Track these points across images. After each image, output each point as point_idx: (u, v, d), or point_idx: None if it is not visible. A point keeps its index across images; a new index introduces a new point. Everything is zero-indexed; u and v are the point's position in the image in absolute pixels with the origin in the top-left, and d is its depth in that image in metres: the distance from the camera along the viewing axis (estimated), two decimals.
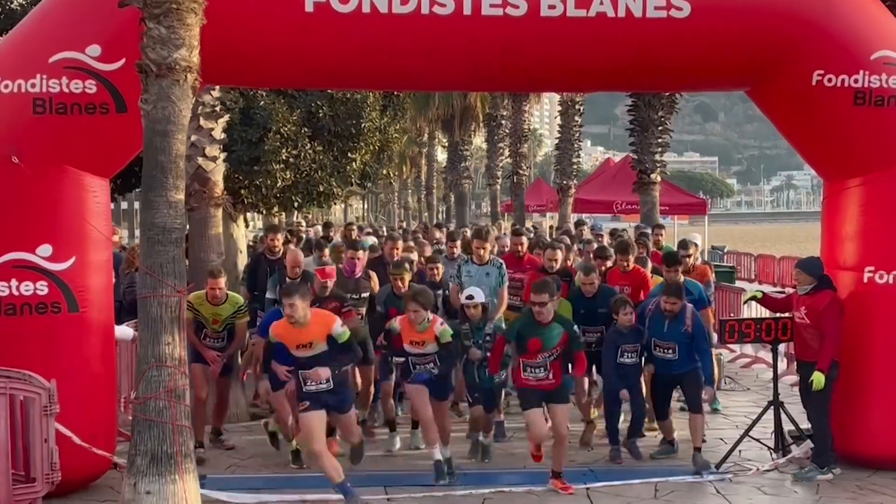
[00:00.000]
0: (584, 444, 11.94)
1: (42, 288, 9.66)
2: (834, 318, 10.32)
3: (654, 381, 11.57)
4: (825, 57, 10.44)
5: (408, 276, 12.12)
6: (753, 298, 11.74)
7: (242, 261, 16.55)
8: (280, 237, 13.97)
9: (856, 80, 10.43)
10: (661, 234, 16.64)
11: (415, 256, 14.64)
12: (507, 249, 15.19)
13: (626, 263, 12.84)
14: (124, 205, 51.74)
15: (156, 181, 9.20)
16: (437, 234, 22.51)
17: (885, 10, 11.13)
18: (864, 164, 10.68)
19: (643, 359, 11.45)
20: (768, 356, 11.48)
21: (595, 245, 15.71)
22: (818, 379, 10.16)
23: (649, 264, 13.28)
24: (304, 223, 30.67)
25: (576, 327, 10.68)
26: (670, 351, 11.05)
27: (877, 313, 10.56)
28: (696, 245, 14.79)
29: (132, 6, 9.31)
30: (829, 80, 10.44)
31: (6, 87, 9.69)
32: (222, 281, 11.51)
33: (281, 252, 13.40)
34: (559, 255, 13.04)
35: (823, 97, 10.50)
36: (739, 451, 11.11)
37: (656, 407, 11.58)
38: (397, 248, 13.71)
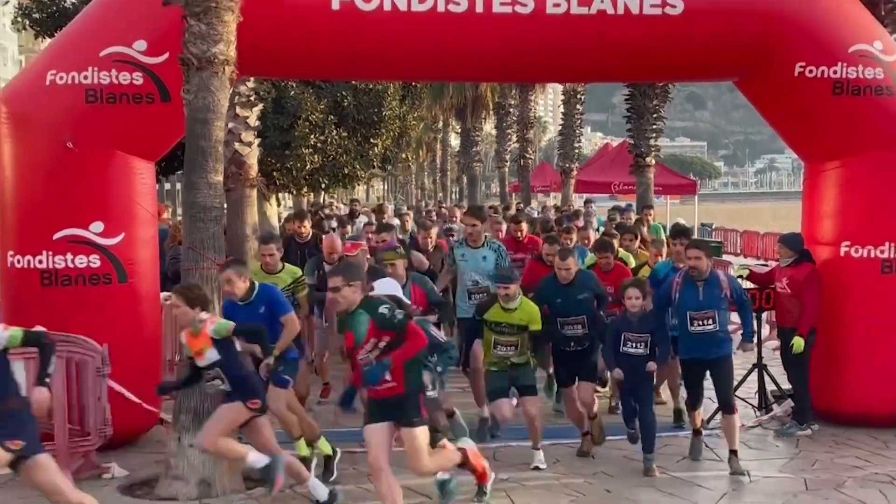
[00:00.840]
0: (583, 454, 9.75)
1: (94, 261, 9.64)
2: (813, 288, 10.26)
3: (685, 370, 9.80)
4: (806, 50, 10.32)
5: (401, 262, 9.79)
6: (740, 277, 11.57)
7: None
8: (307, 223, 13.52)
9: (834, 72, 10.30)
10: (651, 215, 16.09)
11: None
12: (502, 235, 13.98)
13: (606, 261, 10.99)
14: (168, 185, 51.72)
15: (197, 164, 9.15)
16: (458, 214, 22.07)
17: (861, 7, 11.01)
18: (842, 149, 10.55)
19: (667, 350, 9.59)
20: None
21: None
22: (798, 343, 10.10)
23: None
24: (338, 203, 30.64)
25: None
26: (710, 322, 9.18)
27: (852, 284, 10.44)
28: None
29: (175, 5, 9.24)
30: (810, 72, 10.32)
31: (61, 78, 9.64)
32: (274, 246, 10.56)
33: (309, 236, 13.27)
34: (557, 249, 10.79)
35: (805, 87, 10.38)
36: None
37: (690, 396, 9.62)
38: (430, 237, 13.00)
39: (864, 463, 9.27)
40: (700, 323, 9.18)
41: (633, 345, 9.15)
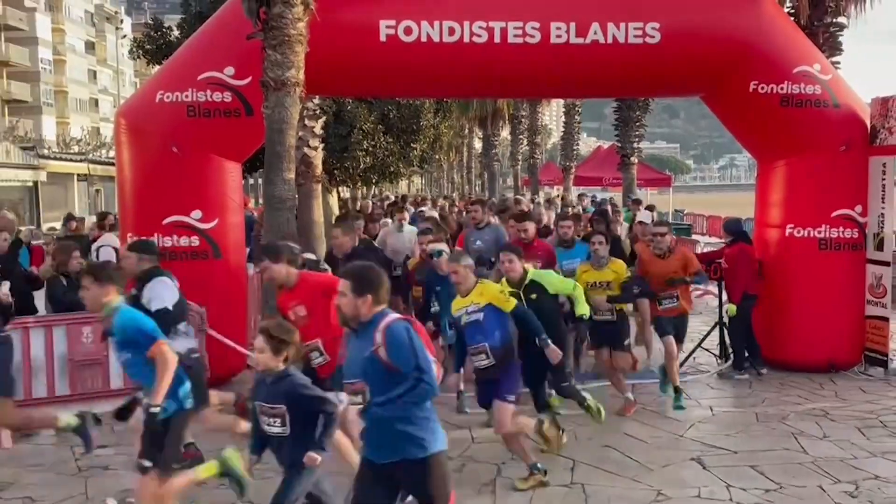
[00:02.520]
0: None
1: (195, 241, 9.72)
2: (742, 264, 10.22)
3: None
4: (759, 71, 10.24)
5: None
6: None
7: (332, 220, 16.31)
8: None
9: (782, 88, 10.23)
10: (639, 209, 15.64)
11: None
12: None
13: (524, 233, 9.22)
14: (251, 181, 51.97)
15: (274, 164, 9.25)
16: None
17: (803, 35, 10.99)
18: (788, 150, 10.48)
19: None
20: (715, 289, 11.30)
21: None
22: (731, 308, 10.21)
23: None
24: (394, 197, 30.28)
25: None
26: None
27: (795, 258, 10.39)
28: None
29: (256, 39, 9.32)
30: (762, 88, 10.25)
31: (167, 97, 9.72)
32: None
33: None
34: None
35: (757, 101, 10.30)
36: (694, 358, 10.99)
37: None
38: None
39: (804, 400, 9.25)
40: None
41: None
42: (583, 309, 7.47)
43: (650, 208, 22.02)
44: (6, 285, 8.09)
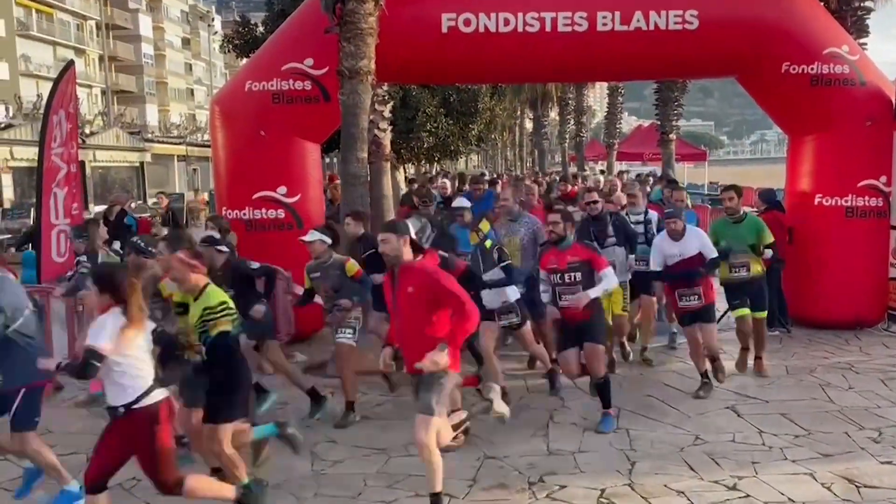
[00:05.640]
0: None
1: (280, 214, 9.83)
2: (775, 230, 9.00)
3: None
4: (791, 53, 9.92)
5: None
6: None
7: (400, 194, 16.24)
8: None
9: (812, 69, 9.91)
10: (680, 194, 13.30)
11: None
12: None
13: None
14: (328, 160, 52.35)
15: (349, 145, 9.29)
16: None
17: (832, 19, 10.59)
18: (816, 125, 10.16)
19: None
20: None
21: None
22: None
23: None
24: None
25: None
26: None
27: (823, 224, 10.11)
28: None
29: (333, 33, 9.33)
30: (794, 69, 9.94)
31: (255, 86, 9.81)
32: None
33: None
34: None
35: (789, 81, 9.99)
36: (728, 317, 10.71)
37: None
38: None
39: (830, 355, 9.05)
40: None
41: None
42: None
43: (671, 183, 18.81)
44: (116, 244, 8.41)
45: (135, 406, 4.30)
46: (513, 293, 7.19)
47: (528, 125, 58.84)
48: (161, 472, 4.35)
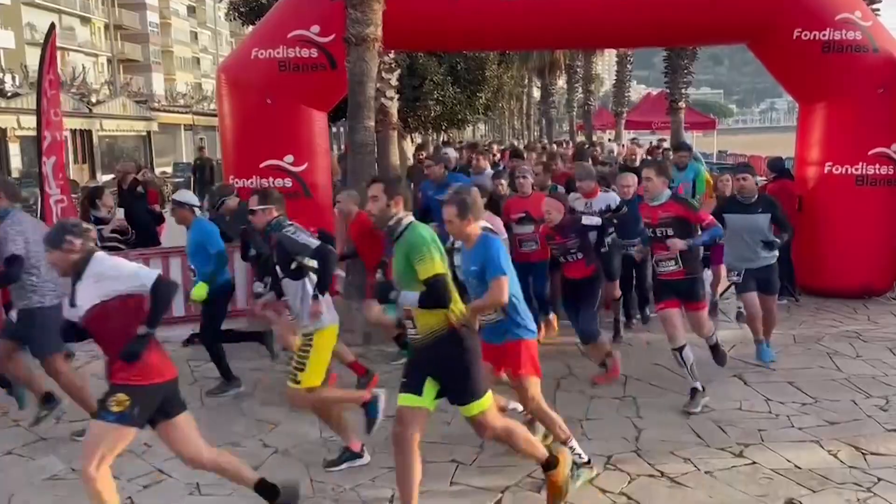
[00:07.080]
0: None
1: (287, 183, 9.77)
2: (784, 199, 8.80)
3: None
4: (802, 19, 9.82)
5: None
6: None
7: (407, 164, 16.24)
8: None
9: (824, 35, 9.80)
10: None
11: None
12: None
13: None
14: (334, 129, 52.22)
15: (356, 113, 9.23)
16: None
17: None
18: (828, 92, 10.07)
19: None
20: None
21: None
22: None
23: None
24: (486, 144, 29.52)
25: None
26: None
27: (833, 193, 10.06)
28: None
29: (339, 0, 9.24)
30: (805, 35, 9.84)
31: (261, 54, 9.75)
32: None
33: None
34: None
35: (801, 47, 9.89)
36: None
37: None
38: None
39: (838, 323, 9.04)
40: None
41: None
42: None
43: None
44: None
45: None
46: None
47: (536, 94, 58.49)
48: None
